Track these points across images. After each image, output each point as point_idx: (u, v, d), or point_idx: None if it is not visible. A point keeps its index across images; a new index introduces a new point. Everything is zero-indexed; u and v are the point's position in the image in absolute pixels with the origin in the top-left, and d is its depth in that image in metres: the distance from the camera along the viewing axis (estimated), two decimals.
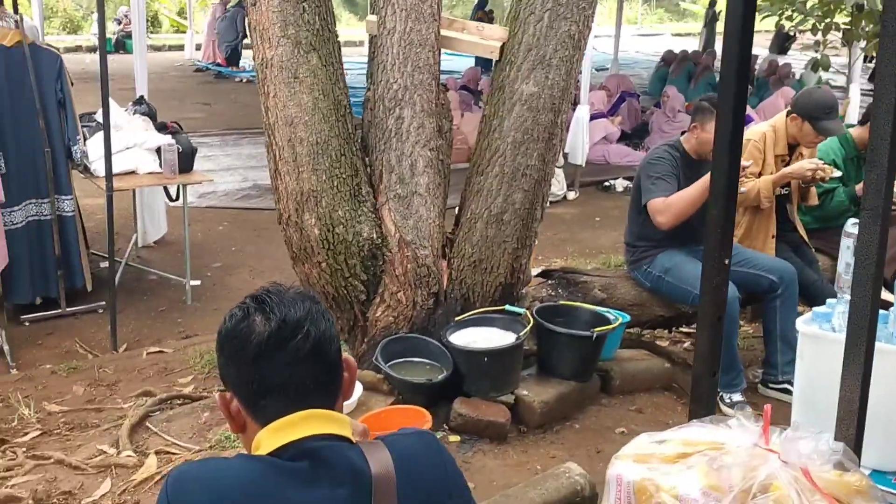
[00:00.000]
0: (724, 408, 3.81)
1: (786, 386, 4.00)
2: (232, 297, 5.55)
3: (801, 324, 2.31)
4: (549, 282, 4.25)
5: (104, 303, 5.14)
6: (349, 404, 3.17)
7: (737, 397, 3.90)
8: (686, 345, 4.72)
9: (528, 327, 3.51)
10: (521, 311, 3.67)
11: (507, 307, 3.72)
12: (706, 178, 3.81)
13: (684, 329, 4.73)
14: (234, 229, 7.09)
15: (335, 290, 3.64)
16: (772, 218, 4.30)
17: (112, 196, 4.75)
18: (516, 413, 3.51)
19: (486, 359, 3.44)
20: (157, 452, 3.27)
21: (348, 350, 3.71)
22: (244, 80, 15.27)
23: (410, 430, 1.63)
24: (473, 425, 3.40)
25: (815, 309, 2.42)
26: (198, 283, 5.63)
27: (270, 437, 1.40)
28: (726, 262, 1.71)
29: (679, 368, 4.23)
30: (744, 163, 3.75)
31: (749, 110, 8.81)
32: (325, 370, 1.46)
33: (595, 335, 3.56)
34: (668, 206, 3.89)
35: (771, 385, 4.07)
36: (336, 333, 1.49)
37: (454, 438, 3.38)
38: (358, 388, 3.31)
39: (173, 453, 3.29)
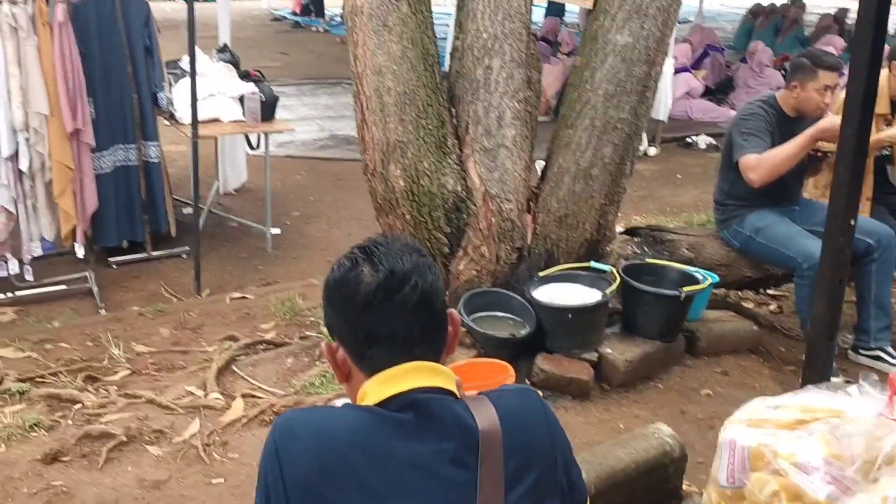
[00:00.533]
0: None
1: (878, 353, 3.88)
2: (311, 246, 5.60)
3: None
4: (635, 239, 4.16)
5: (188, 248, 5.23)
6: None
7: None
8: (772, 307, 4.60)
9: (615, 285, 3.44)
10: (607, 268, 3.59)
11: (593, 264, 3.65)
12: (803, 135, 3.68)
13: (771, 291, 4.60)
14: (311, 179, 7.13)
15: (418, 242, 3.61)
16: (867, 180, 4.12)
17: (197, 143, 4.80)
18: (599, 371, 3.47)
19: (570, 315, 3.39)
20: (243, 396, 3.33)
21: None
22: (321, 31, 15.26)
23: (513, 386, 1.61)
24: (556, 382, 3.37)
25: None
26: (278, 231, 5.68)
27: (377, 388, 1.39)
28: (852, 222, 1.62)
29: (766, 331, 4.13)
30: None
31: None
32: (432, 322, 1.44)
33: (683, 295, 3.48)
34: (761, 162, 3.75)
35: (862, 351, 3.94)
36: (442, 287, 1.47)
37: None
38: None
39: (258, 397, 3.35)
